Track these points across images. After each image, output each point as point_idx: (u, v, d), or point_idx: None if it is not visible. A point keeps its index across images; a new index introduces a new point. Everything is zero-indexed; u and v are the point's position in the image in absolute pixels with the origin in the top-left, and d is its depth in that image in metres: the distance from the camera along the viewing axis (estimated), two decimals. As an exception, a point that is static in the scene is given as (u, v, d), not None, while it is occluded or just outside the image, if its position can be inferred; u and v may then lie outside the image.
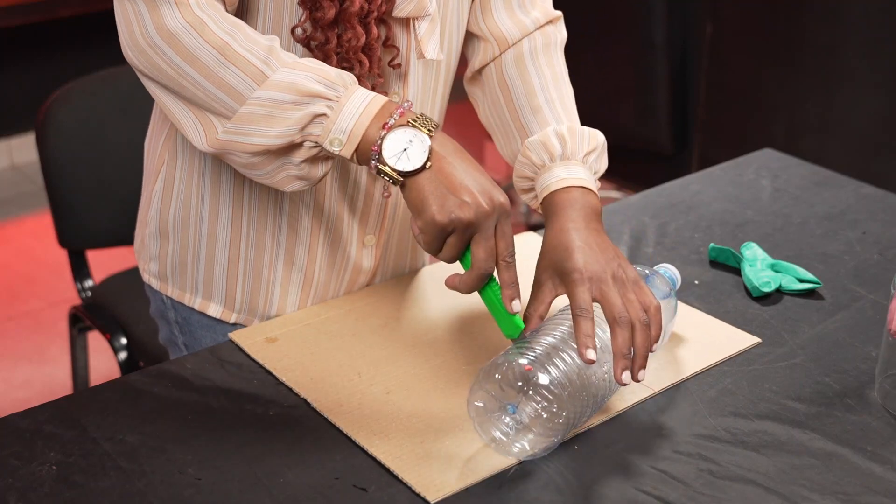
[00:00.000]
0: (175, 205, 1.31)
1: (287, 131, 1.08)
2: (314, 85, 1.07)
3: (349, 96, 1.08)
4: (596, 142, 1.24)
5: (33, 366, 2.88)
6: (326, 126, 1.08)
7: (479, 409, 1.07)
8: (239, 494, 1.03)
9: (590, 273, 1.11)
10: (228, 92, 1.08)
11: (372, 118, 1.08)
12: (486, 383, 1.06)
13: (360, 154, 1.08)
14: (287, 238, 1.30)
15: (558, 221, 1.17)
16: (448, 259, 1.09)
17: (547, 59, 1.31)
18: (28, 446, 1.08)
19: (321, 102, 1.08)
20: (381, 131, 1.07)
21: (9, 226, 3.61)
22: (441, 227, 1.06)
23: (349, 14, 1.14)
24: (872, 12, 2.78)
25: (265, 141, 1.09)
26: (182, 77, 1.10)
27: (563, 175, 1.20)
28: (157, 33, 1.09)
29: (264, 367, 1.22)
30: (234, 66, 1.08)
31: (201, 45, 1.08)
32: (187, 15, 1.08)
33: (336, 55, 1.16)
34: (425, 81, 1.28)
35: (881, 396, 1.19)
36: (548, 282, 1.14)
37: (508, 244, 1.09)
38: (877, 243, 1.51)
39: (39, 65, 3.78)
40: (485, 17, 1.32)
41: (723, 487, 1.05)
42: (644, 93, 3.33)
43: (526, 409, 1.04)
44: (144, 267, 1.40)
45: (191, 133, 1.13)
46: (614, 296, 1.10)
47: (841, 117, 2.91)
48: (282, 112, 1.07)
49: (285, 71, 1.08)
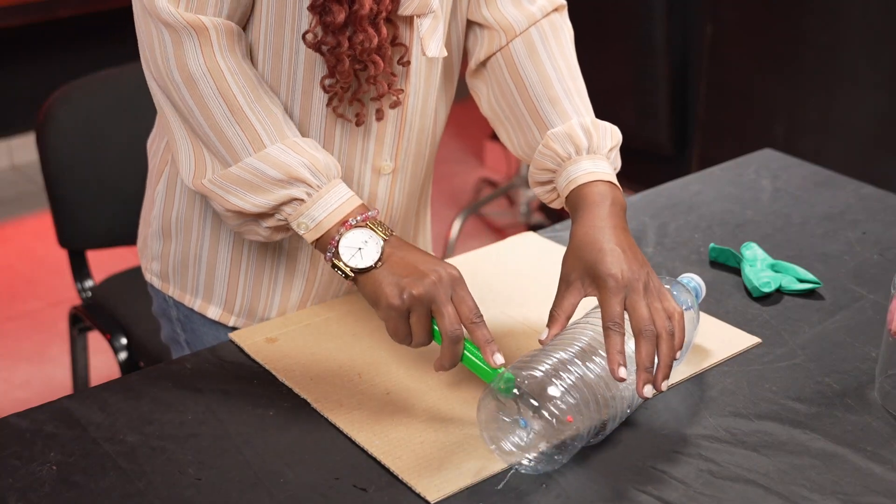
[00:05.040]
0: (178, 206, 1.31)
1: (264, 204, 1.14)
2: (302, 170, 1.13)
3: (329, 190, 1.14)
4: (617, 138, 1.24)
5: (33, 366, 2.88)
6: (299, 210, 1.14)
7: (490, 418, 1.05)
8: (239, 494, 1.03)
9: (625, 281, 1.09)
10: (226, 147, 1.15)
11: (343, 216, 1.13)
12: (499, 394, 1.04)
13: (319, 243, 1.14)
14: (289, 242, 1.30)
15: (589, 218, 1.15)
16: (419, 341, 1.10)
17: (560, 49, 1.30)
18: (28, 446, 1.08)
19: (303, 188, 1.13)
20: (342, 228, 1.12)
21: (9, 226, 3.60)
22: (397, 308, 1.08)
23: (360, 16, 1.14)
24: (872, 12, 2.78)
25: (242, 205, 1.15)
26: (190, 116, 1.16)
27: (590, 168, 1.19)
28: (179, 71, 1.14)
29: (264, 367, 1.22)
30: (239, 126, 1.14)
31: (215, 97, 1.14)
32: (209, 61, 1.13)
33: (348, 57, 1.16)
34: (428, 79, 1.28)
35: (881, 396, 1.19)
36: (577, 282, 1.12)
37: (470, 308, 1.09)
38: (877, 243, 1.51)
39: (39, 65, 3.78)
40: (489, 7, 1.30)
41: (723, 487, 1.05)
42: (644, 93, 3.34)
43: (535, 427, 1.02)
44: (146, 266, 1.40)
45: (182, 160, 1.18)
46: (643, 307, 1.08)
47: (841, 117, 2.91)
48: (266, 185, 1.14)
49: (281, 147, 1.14)
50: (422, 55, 1.23)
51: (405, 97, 1.25)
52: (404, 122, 1.27)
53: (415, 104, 1.27)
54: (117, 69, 2.09)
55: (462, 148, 4.16)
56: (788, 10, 2.95)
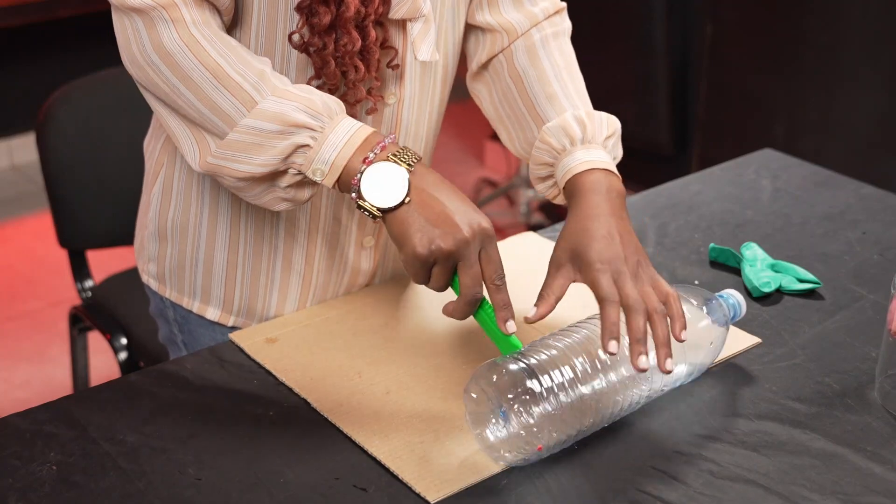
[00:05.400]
0: (174, 208, 1.31)
1: (271, 160, 1.10)
2: (299, 115, 1.09)
3: (333, 127, 1.10)
4: (614, 127, 1.23)
5: (33, 366, 2.88)
6: (309, 156, 1.10)
7: (473, 401, 1.06)
8: (239, 494, 1.03)
9: (613, 265, 1.10)
10: (220, 115, 1.11)
11: (354, 150, 1.09)
12: (483, 381, 1.05)
13: (341, 184, 1.10)
14: (285, 243, 1.30)
15: (583, 205, 1.15)
16: (437, 288, 1.09)
17: (558, 47, 1.30)
18: (28, 446, 1.08)
19: (305, 133, 1.09)
20: (361, 165, 1.08)
21: (9, 226, 3.61)
22: (422, 258, 1.06)
23: (345, 19, 1.14)
24: (872, 12, 2.78)
25: (250, 168, 1.11)
26: (177, 96, 1.12)
27: (585, 157, 1.18)
28: (155, 51, 1.11)
29: (264, 367, 1.22)
30: (226, 90, 1.10)
31: (196, 67, 1.10)
32: (183, 34, 1.10)
33: (334, 59, 1.16)
34: (423, 83, 1.27)
35: (881, 396, 1.19)
36: (567, 265, 1.13)
37: (496, 268, 1.08)
38: (877, 243, 1.51)
39: (39, 65, 3.78)
40: (491, 11, 1.30)
41: (723, 487, 1.05)
42: (644, 93, 3.34)
43: (512, 420, 1.03)
44: (143, 268, 1.40)
45: (186, 149, 1.15)
46: (630, 286, 1.09)
47: (841, 117, 2.91)
48: (267, 141, 1.10)
49: (273, 100, 1.10)
50: (415, 60, 1.23)
51: (399, 102, 1.25)
52: (399, 128, 1.27)
53: (410, 110, 1.27)
54: (117, 69, 2.08)
55: (462, 148, 4.16)
56: (788, 10, 2.95)
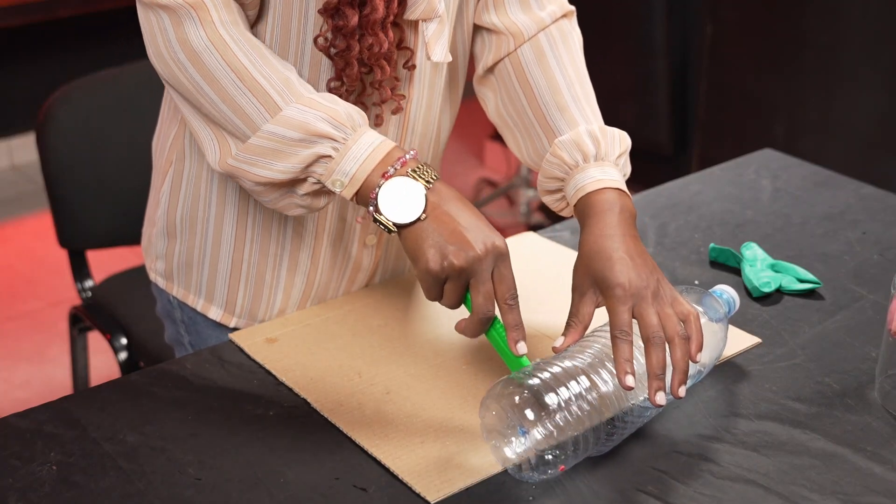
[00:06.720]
0: (182, 206, 1.31)
1: (292, 168, 1.10)
2: (323, 125, 1.09)
3: (356, 140, 1.09)
4: (626, 144, 1.22)
5: (33, 366, 2.88)
6: (330, 167, 1.09)
7: (491, 416, 1.04)
8: (239, 494, 1.03)
9: (633, 289, 1.08)
10: (243, 118, 1.11)
11: (375, 164, 1.09)
12: (504, 400, 1.03)
13: (359, 197, 1.10)
14: (292, 243, 1.30)
15: (597, 226, 1.14)
16: (449, 305, 1.09)
17: (569, 56, 1.28)
18: (28, 446, 1.08)
19: (327, 143, 1.09)
20: (380, 179, 1.08)
21: (9, 226, 3.61)
22: (435, 274, 1.06)
23: (372, 21, 1.13)
24: (872, 12, 2.78)
25: (270, 174, 1.11)
26: (201, 95, 1.12)
27: (598, 176, 1.17)
28: (181, 49, 1.11)
29: (264, 367, 1.22)
30: (251, 93, 1.10)
31: (221, 67, 1.10)
32: (211, 33, 1.10)
33: (357, 61, 1.16)
34: (432, 85, 1.27)
35: (881, 396, 1.19)
36: (589, 291, 1.11)
37: (508, 287, 1.07)
38: (877, 243, 1.51)
39: (39, 65, 3.78)
40: (497, 12, 1.29)
41: (723, 487, 1.05)
42: (644, 93, 3.34)
43: (533, 439, 1.01)
44: (151, 265, 1.40)
45: (207, 148, 1.15)
46: (651, 314, 1.07)
47: (841, 117, 2.91)
48: (289, 149, 1.09)
49: (297, 107, 1.10)
50: (426, 60, 1.23)
51: (408, 102, 1.25)
52: (406, 128, 1.27)
53: (417, 110, 1.27)
54: (117, 69, 2.09)
55: (462, 148, 4.16)
56: (788, 10, 2.95)
